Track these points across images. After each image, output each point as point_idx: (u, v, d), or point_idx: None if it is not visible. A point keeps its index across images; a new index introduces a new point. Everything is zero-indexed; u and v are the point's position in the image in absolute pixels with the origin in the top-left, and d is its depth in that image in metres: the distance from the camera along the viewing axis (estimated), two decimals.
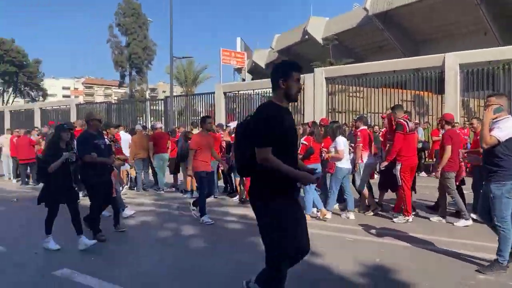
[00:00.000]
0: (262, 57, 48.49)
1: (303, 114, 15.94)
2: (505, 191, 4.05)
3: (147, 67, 46.05)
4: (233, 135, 8.96)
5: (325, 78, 15.45)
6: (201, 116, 20.48)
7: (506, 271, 4.10)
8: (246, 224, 6.51)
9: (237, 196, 8.69)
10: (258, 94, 18.61)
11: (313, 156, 6.50)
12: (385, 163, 6.53)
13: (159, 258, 4.88)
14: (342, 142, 6.68)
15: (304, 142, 6.83)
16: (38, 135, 12.13)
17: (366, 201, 7.20)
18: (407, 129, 6.31)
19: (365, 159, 6.96)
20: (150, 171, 10.66)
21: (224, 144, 9.38)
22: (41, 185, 10.54)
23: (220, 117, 17.94)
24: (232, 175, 9.03)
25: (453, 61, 12.51)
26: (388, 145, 6.98)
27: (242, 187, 8.39)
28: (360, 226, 6.22)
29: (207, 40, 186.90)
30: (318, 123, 7.86)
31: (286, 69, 2.88)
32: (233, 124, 10.04)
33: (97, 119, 5.85)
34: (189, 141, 8.80)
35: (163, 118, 21.35)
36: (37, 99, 53.97)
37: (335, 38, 31.58)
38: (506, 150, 4.06)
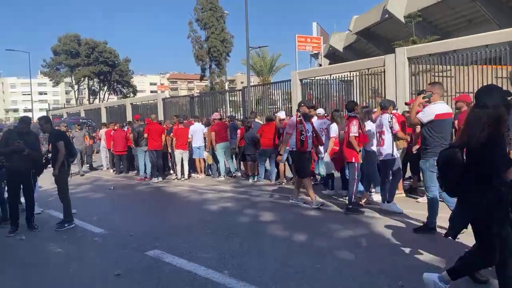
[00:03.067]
0: (339, 41, 47.07)
1: (384, 97, 15.23)
2: (429, 166, 4.72)
3: (226, 59, 47.25)
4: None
5: (408, 58, 14.55)
6: (277, 105, 20.80)
7: (434, 233, 4.77)
8: (324, 211, 6.50)
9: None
10: (335, 79, 18.15)
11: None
12: (417, 147, 6.53)
13: (240, 241, 5.08)
14: (334, 129, 7.30)
15: None
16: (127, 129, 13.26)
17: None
18: None
19: None
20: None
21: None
22: (131, 173, 11.39)
23: (297, 104, 17.87)
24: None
25: None
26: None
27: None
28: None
29: (283, 28, 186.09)
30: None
31: None
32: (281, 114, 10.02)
33: None
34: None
35: (241, 108, 21.84)
36: (128, 95, 58.53)
37: (418, 15, 29.48)
38: (430, 131, 4.72)
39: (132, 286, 3.79)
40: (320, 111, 8.74)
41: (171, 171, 11.54)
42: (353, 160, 6.23)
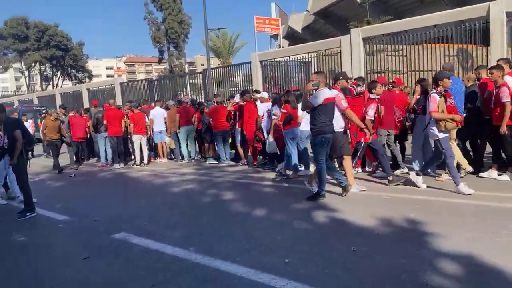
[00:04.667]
0: (298, 22, 47.23)
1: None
2: (317, 142, 5.68)
3: (184, 41, 46.47)
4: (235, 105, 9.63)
5: (362, 38, 15.02)
6: (238, 86, 20.88)
7: (324, 197, 5.68)
8: (279, 187, 6.83)
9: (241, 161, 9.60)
10: (294, 60, 18.43)
11: (292, 121, 7.42)
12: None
13: (205, 220, 5.28)
14: (275, 111, 7.76)
15: (283, 110, 7.49)
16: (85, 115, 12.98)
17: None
18: (355, 93, 7.07)
19: None
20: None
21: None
22: (91, 160, 11.23)
23: (258, 86, 18.02)
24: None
25: (498, 9, 11.72)
26: None
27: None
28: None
29: (241, 8, 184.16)
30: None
31: None
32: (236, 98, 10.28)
33: None
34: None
35: (202, 91, 21.74)
36: (83, 80, 56.37)
37: None
38: (318, 113, 5.61)
39: (101, 267, 3.91)
40: (264, 94, 9.29)
41: (133, 157, 11.49)
42: (362, 140, 6.51)
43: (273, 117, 7.88)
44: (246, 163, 9.39)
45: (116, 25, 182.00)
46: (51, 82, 57.46)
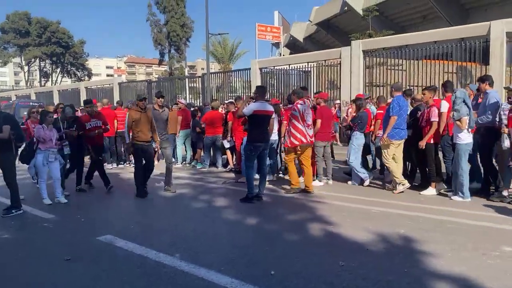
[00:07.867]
0: (300, 31, 47.46)
1: (340, 88, 15.72)
2: (248, 148, 6.33)
3: (185, 45, 46.46)
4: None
5: (362, 50, 15.05)
6: (238, 92, 20.84)
7: (254, 202, 6.22)
8: (274, 196, 6.74)
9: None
10: (295, 69, 18.45)
11: None
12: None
13: (193, 226, 5.19)
14: None
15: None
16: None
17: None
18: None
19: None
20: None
21: None
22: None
23: None
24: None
25: (499, 30, 11.78)
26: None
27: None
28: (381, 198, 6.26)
29: (244, 15, 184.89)
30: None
31: None
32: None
33: None
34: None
35: (201, 95, 21.69)
36: (83, 78, 56.23)
37: (375, 9, 30.32)
38: (250, 122, 6.28)
39: (82, 270, 3.80)
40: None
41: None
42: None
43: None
44: (233, 169, 9.30)
45: (118, 25, 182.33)
46: (50, 79, 57.31)
